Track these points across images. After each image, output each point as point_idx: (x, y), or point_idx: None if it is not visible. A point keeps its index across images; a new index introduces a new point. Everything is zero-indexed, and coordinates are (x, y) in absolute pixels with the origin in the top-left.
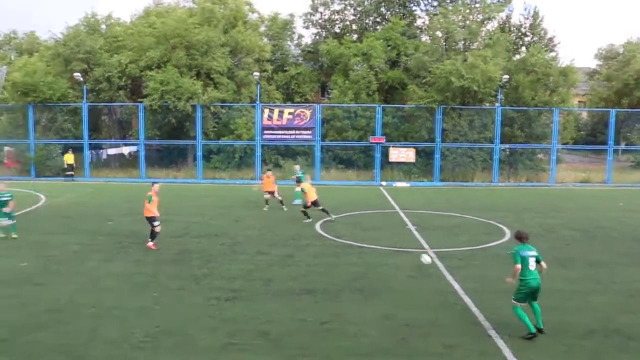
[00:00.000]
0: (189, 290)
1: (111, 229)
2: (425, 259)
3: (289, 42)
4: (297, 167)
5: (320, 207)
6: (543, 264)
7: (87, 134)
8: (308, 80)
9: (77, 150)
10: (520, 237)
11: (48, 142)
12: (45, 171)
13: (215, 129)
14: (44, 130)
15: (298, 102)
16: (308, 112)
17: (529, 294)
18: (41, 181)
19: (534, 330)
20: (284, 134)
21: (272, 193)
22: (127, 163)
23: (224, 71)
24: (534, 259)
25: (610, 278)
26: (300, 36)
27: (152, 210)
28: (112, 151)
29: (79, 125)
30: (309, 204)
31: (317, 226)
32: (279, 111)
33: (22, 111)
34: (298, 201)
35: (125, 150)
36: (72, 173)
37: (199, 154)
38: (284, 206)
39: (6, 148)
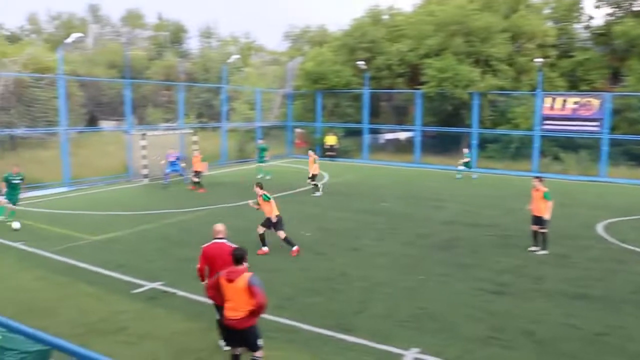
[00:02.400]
0: (454, 277)
1: (384, 210)
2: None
3: (576, 25)
4: (466, 150)
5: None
6: None
7: (367, 118)
8: (597, 67)
9: (357, 134)
10: None
11: (332, 125)
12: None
13: (492, 118)
14: (329, 114)
15: (584, 91)
16: (596, 102)
17: None
18: (323, 161)
19: None
20: (566, 125)
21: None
22: (402, 148)
23: (504, 58)
24: None
25: None
26: (590, 17)
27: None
28: (389, 136)
29: (360, 111)
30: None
31: (600, 227)
32: (563, 100)
33: (312, 97)
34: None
35: (402, 135)
36: (334, 154)
37: (474, 142)
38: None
39: (297, 130)
